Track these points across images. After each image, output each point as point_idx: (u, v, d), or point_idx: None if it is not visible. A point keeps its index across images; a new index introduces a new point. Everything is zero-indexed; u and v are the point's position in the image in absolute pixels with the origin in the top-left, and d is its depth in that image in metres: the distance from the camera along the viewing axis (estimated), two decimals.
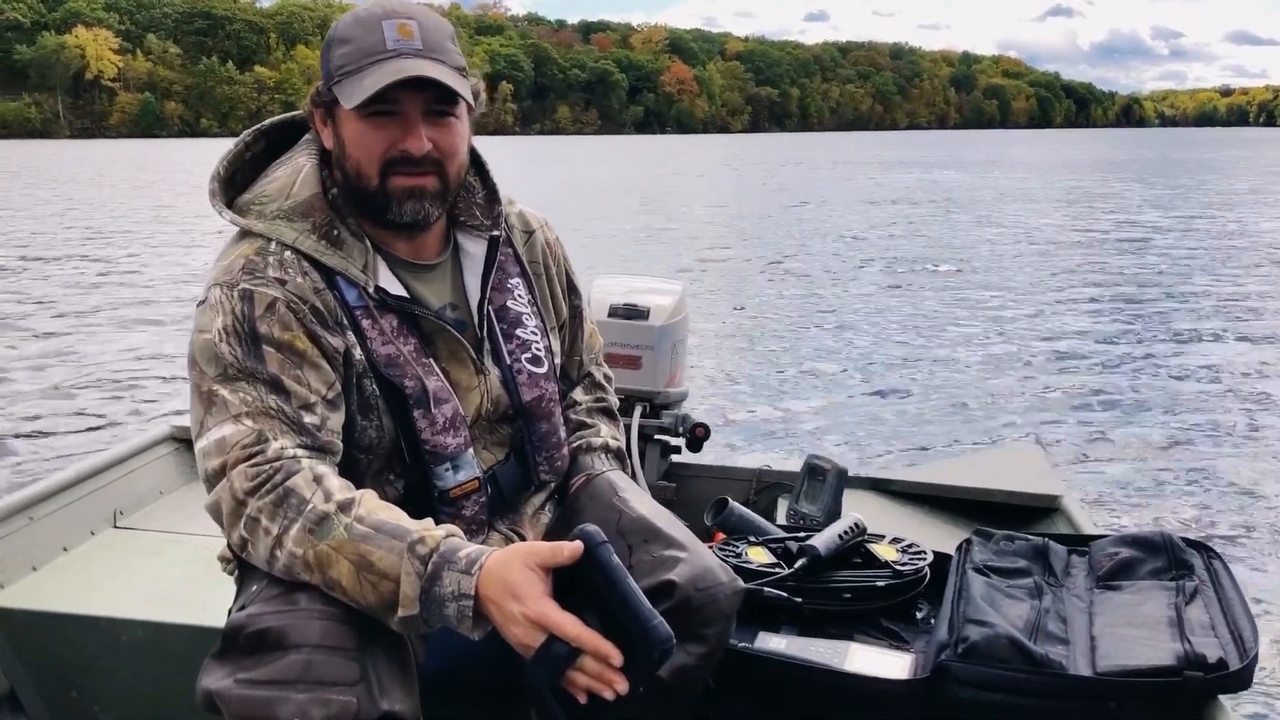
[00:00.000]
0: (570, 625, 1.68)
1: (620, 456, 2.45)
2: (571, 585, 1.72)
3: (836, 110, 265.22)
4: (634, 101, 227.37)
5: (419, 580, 1.75)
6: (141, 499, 3.66)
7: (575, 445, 2.40)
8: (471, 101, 2.06)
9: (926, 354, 11.10)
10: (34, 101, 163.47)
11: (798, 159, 72.59)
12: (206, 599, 2.70)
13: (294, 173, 2.09)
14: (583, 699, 1.71)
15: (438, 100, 2.02)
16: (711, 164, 66.34)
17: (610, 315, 3.75)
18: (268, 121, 2.24)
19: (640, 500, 2.26)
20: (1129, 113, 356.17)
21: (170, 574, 3.16)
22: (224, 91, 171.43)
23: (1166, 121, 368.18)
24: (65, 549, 3.27)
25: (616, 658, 1.67)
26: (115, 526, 3.50)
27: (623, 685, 1.68)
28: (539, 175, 48.42)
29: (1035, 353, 11.10)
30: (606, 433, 2.45)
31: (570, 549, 1.71)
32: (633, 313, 3.76)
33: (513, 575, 1.71)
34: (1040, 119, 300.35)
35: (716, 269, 17.95)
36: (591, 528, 1.73)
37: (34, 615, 2.90)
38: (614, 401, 2.55)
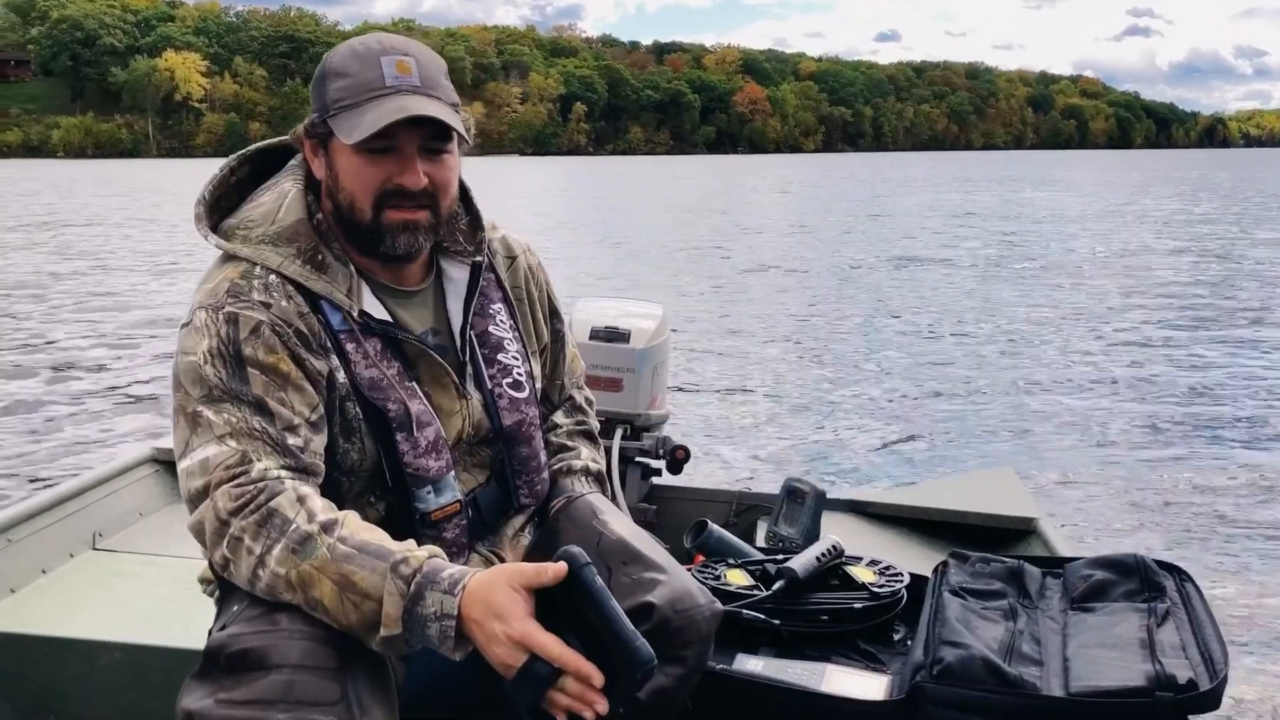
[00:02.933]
0: (553, 646, 1.69)
1: (600, 479, 2.46)
2: (553, 606, 1.73)
3: (911, 130, 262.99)
4: (706, 122, 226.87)
5: (402, 600, 1.76)
6: (121, 521, 3.66)
7: (556, 468, 2.41)
8: (467, 137, 2.09)
9: (906, 377, 11.14)
10: (125, 123, 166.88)
11: (842, 176, 72.29)
12: (186, 621, 2.68)
13: (279, 198, 2.11)
14: (562, 719, 1.72)
15: (434, 136, 2.04)
16: (771, 183, 66.23)
17: (591, 338, 3.76)
18: (253, 146, 2.26)
19: (620, 522, 2.27)
20: (1212, 133, 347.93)
21: (150, 596, 3.16)
22: (306, 112, 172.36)
23: (1252, 142, 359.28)
24: (44, 571, 3.28)
25: (598, 678, 1.68)
26: (94, 548, 3.50)
27: (603, 706, 1.69)
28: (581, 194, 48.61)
29: (1012, 377, 11.13)
30: (587, 455, 2.46)
31: (554, 570, 1.71)
32: (614, 335, 3.77)
33: (496, 595, 1.73)
34: (1120, 140, 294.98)
35: (702, 290, 18.00)
36: (575, 549, 1.73)
37: (12, 638, 2.89)
38: (595, 425, 2.56)
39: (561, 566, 1.72)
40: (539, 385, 2.39)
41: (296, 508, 1.86)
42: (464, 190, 2.29)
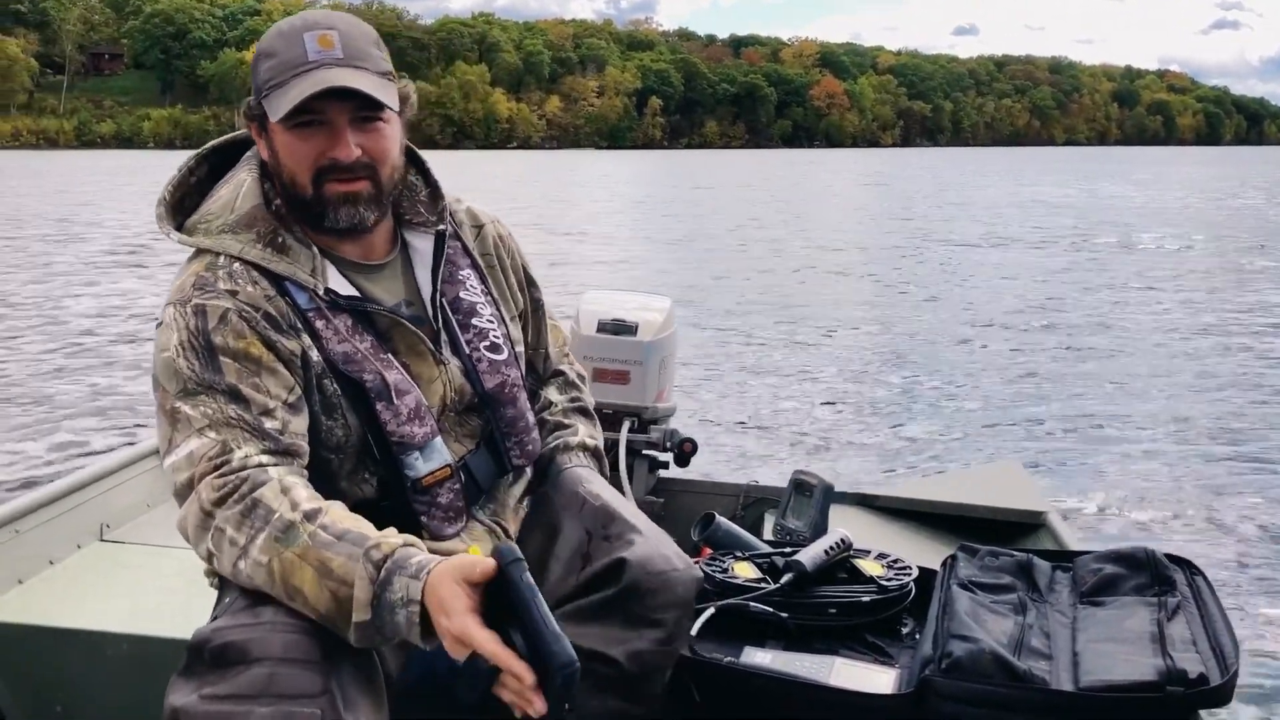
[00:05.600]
0: (486, 642, 1.66)
1: (598, 455, 2.49)
2: (499, 602, 1.71)
3: (991, 125, 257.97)
4: (782, 115, 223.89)
5: (371, 585, 1.76)
6: (128, 512, 3.65)
7: (553, 445, 2.43)
8: (395, 106, 2.10)
9: (913, 371, 11.11)
10: (212, 115, 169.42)
11: (883, 172, 71.68)
12: (193, 612, 2.58)
13: (236, 188, 2.14)
14: (519, 713, 1.69)
15: (363, 107, 2.06)
16: (811, 176, 65.87)
17: (599, 330, 3.76)
18: (208, 145, 2.29)
19: (607, 491, 2.30)
20: None
21: (157, 587, 3.15)
22: None
23: None
24: (51, 562, 3.27)
25: (528, 677, 1.64)
26: (102, 540, 3.49)
27: (539, 706, 1.65)
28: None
29: (1021, 371, 11.10)
30: (584, 432, 2.48)
31: (483, 566, 1.70)
32: (621, 328, 3.76)
33: (443, 589, 1.71)
34: (1209, 136, 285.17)
35: (711, 285, 17.97)
36: (507, 545, 1.71)
37: (19, 629, 2.89)
38: (589, 400, 2.59)
39: (490, 562, 1.70)
40: (519, 349, 2.39)
41: (280, 498, 1.87)
42: (421, 162, 2.32)
